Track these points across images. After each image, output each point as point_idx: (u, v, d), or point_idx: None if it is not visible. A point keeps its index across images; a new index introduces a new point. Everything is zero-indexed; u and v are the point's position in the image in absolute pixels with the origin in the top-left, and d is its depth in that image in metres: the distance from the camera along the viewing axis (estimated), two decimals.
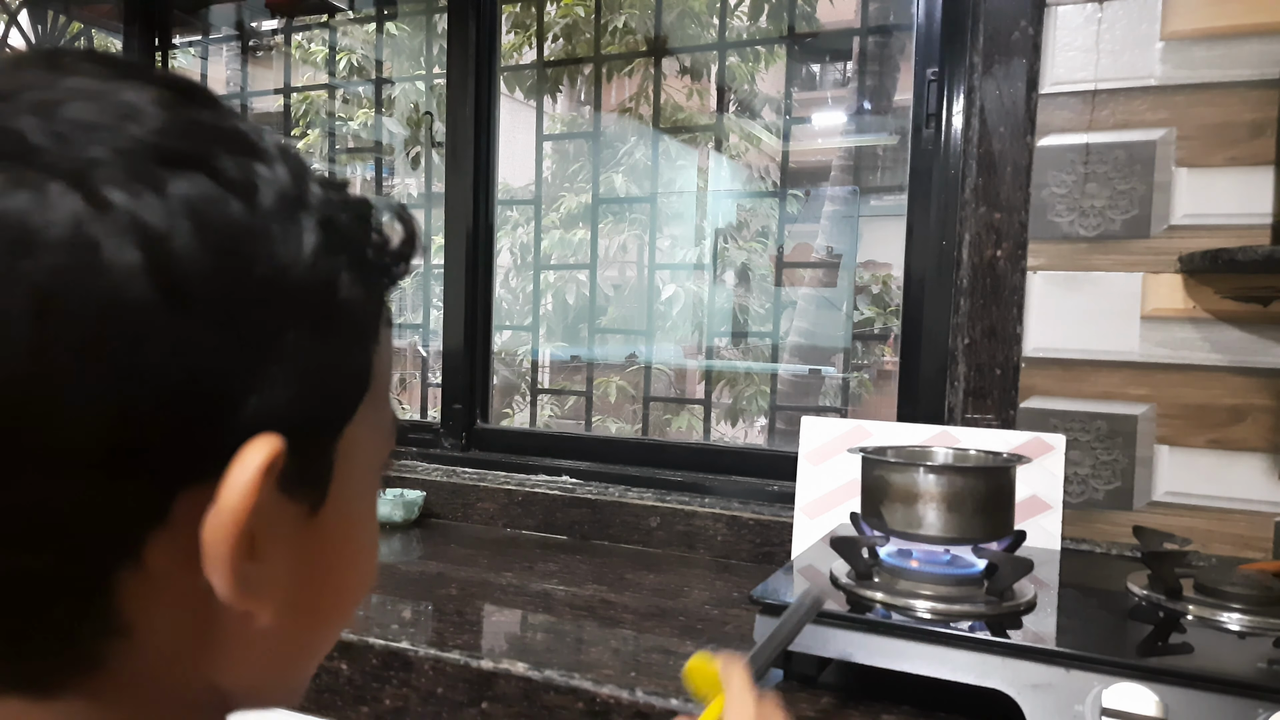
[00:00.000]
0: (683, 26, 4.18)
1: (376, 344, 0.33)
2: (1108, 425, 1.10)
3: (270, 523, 0.28)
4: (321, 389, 0.30)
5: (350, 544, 0.34)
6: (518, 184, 3.22)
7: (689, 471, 1.39)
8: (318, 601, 0.33)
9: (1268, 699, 0.62)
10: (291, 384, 0.28)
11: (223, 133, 0.29)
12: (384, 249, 0.33)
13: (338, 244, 0.30)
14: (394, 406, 0.36)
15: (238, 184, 0.27)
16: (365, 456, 0.34)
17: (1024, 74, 1.12)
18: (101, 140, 0.25)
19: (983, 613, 0.76)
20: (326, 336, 0.30)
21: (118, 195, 0.25)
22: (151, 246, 0.25)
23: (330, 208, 0.31)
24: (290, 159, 0.30)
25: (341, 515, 0.32)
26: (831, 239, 4.54)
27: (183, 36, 1.97)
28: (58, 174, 0.24)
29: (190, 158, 0.27)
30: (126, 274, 0.24)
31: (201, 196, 0.26)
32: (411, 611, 1.01)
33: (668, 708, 0.76)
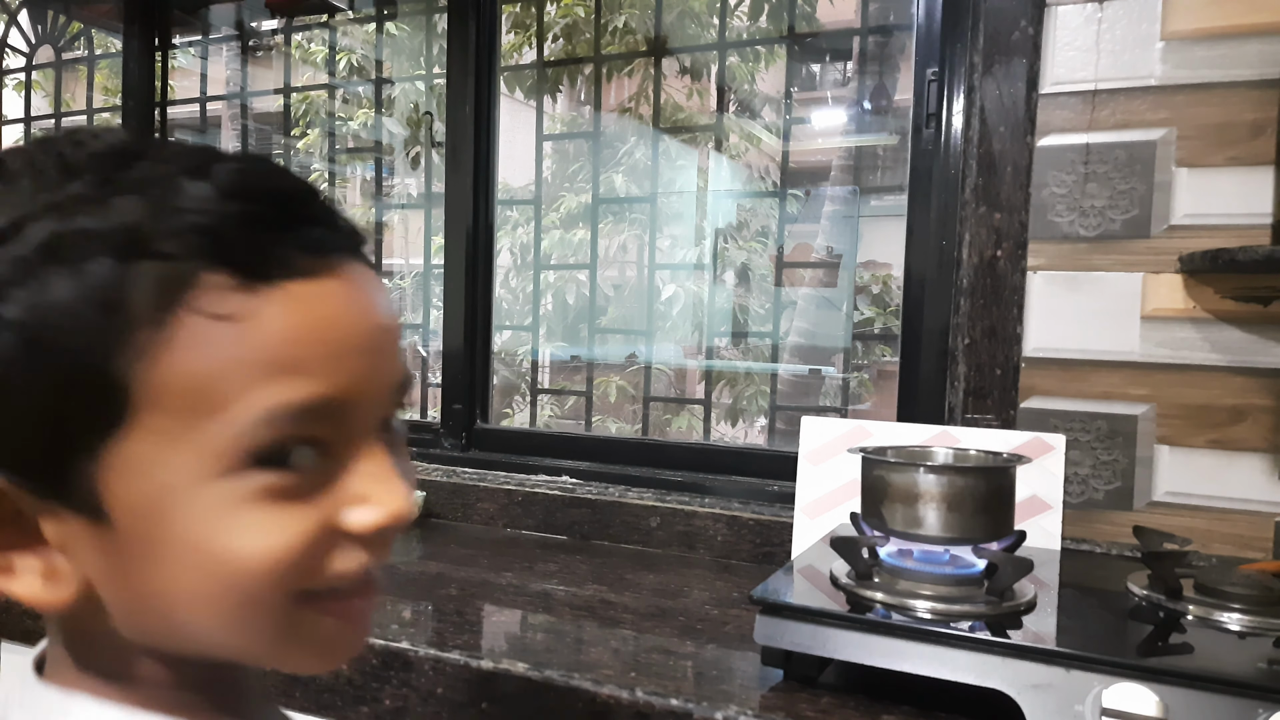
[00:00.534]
0: (683, 26, 4.18)
1: (125, 360, 0.32)
2: (1108, 425, 1.10)
3: (53, 525, 0.35)
4: (13, 433, 0.33)
5: (166, 555, 0.34)
6: (518, 184, 3.21)
7: (689, 471, 1.39)
8: (160, 607, 0.36)
9: (1268, 699, 0.62)
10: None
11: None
12: (155, 233, 0.32)
13: (16, 285, 0.32)
14: (251, 415, 0.33)
15: None
16: (166, 475, 0.34)
17: (1024, 74, 1.12)
18: None
19: (983, 613, 0.76)
20: (7, 387, 0.32)
21: None
22: None
23: (38, 236, 0.32)
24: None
25: (147, 528, 0.34)
26: (831, 239, 4.54)
27: (182, 36, 1.97)
28: None
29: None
30: None
31: None
32: (411, 611, 1.01)
33: (668, 708, 0.76)
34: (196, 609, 0.35)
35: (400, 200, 4.08)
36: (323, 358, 0.35)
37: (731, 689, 0.79)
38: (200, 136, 2.07)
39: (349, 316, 0.36)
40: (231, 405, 0.33)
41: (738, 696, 0.77)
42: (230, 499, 0.34)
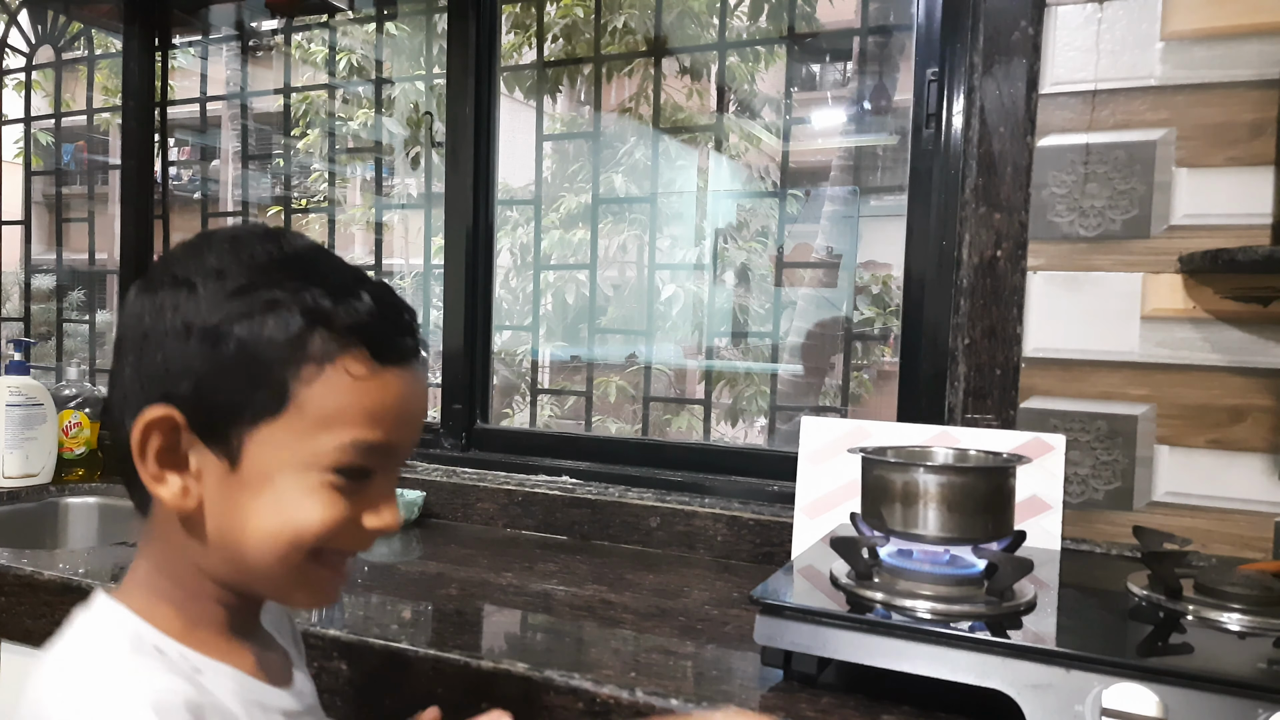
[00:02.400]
0: (683, 26, 4.18)
1: (304, 379, 0.53)
2: (1108, 425, 1.10)
3: (195, 456, 0.55)
4: (211, 397, 0.53)
5: (261, 502, 0.54)
6: (518, 184, 3.21)
7: (689, 471, 1.39)
8: (239, 533, 0.55)
9: (1268, 699, 0.62)
10: (189, 389, 0.54)
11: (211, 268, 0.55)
12: (318, 319, 0.54)
13: (248, 321, 0.53)
14: (350, 440, 0.54)
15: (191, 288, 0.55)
16: (287, 456, 0.54)
17: (1024, 74, 1.12)
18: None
19: (983, 613, 0.76)
20: (219, 369, 0.53)
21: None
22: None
23: (261, 298, 0.53)
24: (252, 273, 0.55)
25: (258, 481, 0.54)
26: (831, 239, 4.54)
27: (183, 36, 1.97)
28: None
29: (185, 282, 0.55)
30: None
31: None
32: (411, 611, 1.01)
33: (668, 708, 0.76)
34: (259, 544, 0.55)
35: (400, 200, 4.07)
36: (392, 419, 0.56)
37: (731, 689, 0.79)
38: (200, 137, 2.07)
39: (410, 399, 0.58)
40: (337, 428, 0.54)
41: (738, 696, 0.77)
42: (311, 484, 0.54)
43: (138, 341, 0.55)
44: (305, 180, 5.44)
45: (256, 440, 0.54)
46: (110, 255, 2.08)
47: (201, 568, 0.57)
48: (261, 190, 2.34)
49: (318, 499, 0.54)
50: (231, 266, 0.55)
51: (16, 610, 1.07)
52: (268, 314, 0.53)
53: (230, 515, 0.55)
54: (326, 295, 0.54)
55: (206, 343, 0.53)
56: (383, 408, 0.55)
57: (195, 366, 0.53)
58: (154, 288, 0.56)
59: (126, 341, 0.56)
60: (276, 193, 2.55)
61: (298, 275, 0.55)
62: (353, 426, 0.54)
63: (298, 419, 0.53)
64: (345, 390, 0.54)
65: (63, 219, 2.10)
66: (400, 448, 0.58)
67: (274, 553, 0.55)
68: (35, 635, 1.06)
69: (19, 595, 1.07)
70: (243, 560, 0.55)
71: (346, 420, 0.54)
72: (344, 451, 0.54)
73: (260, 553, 0.55)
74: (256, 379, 0.53)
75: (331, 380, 0.53)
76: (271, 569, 0.56)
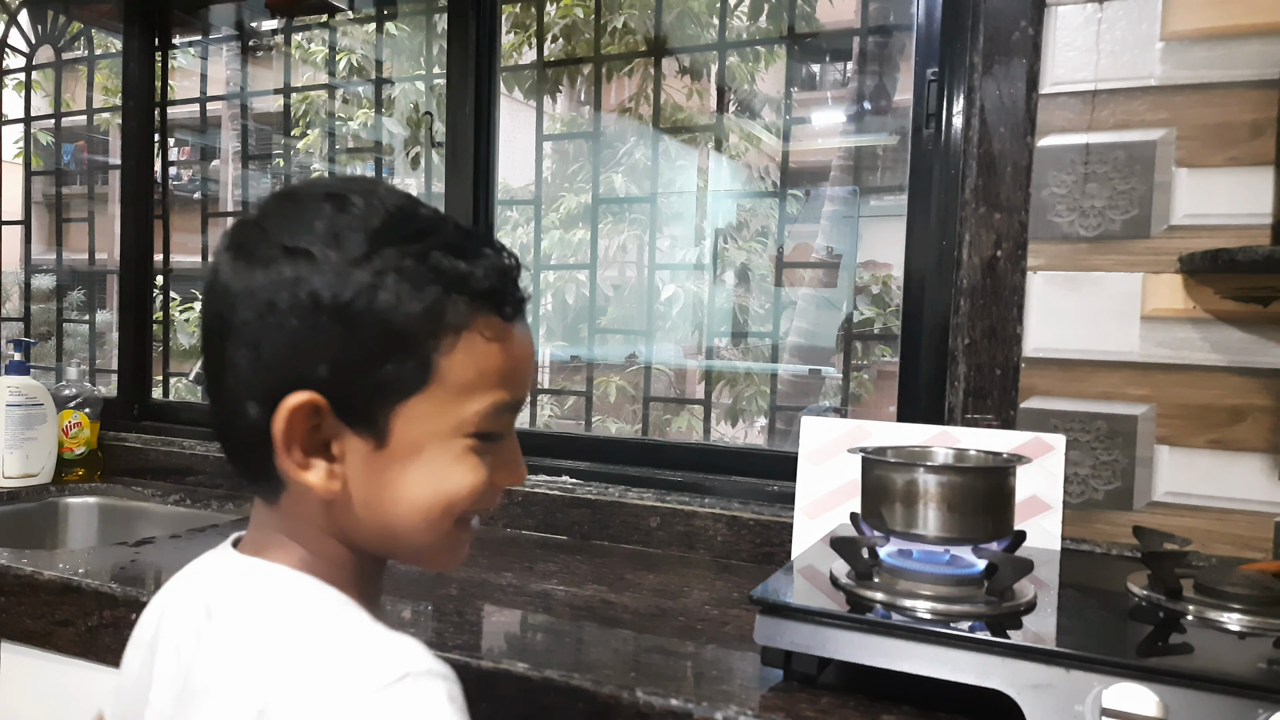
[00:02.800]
0: (682, 26, 4.18)
1: (445, 349, 0.53)
2: (1108, 425, 1.10)
3: (337, 438, 0.53)
4: (353, 378, 0.52)
5: (411, 475, 0.54)
6: (518, 184, 3.21)
7: (689, 471, 1.39)
8: (390, 507, 0.55)
9: (1268, 699, 0.62)
10: (327, 371, 0.51)
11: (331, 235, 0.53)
12: (455, 283, 0.53)
13: (382, 293, 0.51)
14: (491, 403, 0.55)
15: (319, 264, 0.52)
16: (436, 428, 0.54)
17: (1024, 74, 1.12)
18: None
19: (983, 613, 0.76)
20: (359, 348, 0.51)
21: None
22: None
23: (389, 268, 0.51)
24: (385, 238, 0.53)
25: (406, 455, 0.54)
26: (831, 239, 4.54)
27: (183, 36, 1.97)
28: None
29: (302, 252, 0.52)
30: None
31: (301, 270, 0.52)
32: (411, 611, 1.01)
33: (668, 708, 0.76)
34: (412, 514, 0.55)
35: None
36: (520, 376, 0.57)
37: (731, 689, 0.79)
38: (200, 137, 2.07)
39: (529, 352, 0.58)
40: (478, 394, 0.54)
41: (738, 696, 0.77)
42: (457, 451, 0.55)
43: (253, 322, 0.51)
44: None
45: (403, 417, 0.53)
46: (110, 255, 2.08)
47: (350, 539, 0.56)
48: (261, 190, 2.34)
49: (465, 465, 0.55)
50: (345, 231, 0.52)
51: (16, 610, 1.07)
52: (401, 283, 0.51)
53: (380, 490, 0.54)
54: (453, 256, 0.53)
55: (341, 321, 0.51)
56: (512, 366, 0.56)
57: (332, 347, 0.51)
58: (258, 260, 0.52)
59: (233, 321, 0.52)
60: None
61: (414, 235, 0.53)
62: (491, 390, 0.55)
63: (440, 390, 0.53)
64: (482, 355, 0.54)
65: (63, 219, 2.10)
66: (523, 401, 0.59)
67: (427, 521, 0.55)
68: (35, 635, 1.06)
69: (19, 595, 1.07)
70: (392, 531, 0.55)
71: (486, 384, 0.54)
72: (485, 416, 0.54)
73: (412, 523, 0.55)
74: (399, 355, 0.52)
75: (470, 346, 0.53)
76: (423, 537, 0.56)
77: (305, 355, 0.51)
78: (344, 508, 0.55)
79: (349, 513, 0.55)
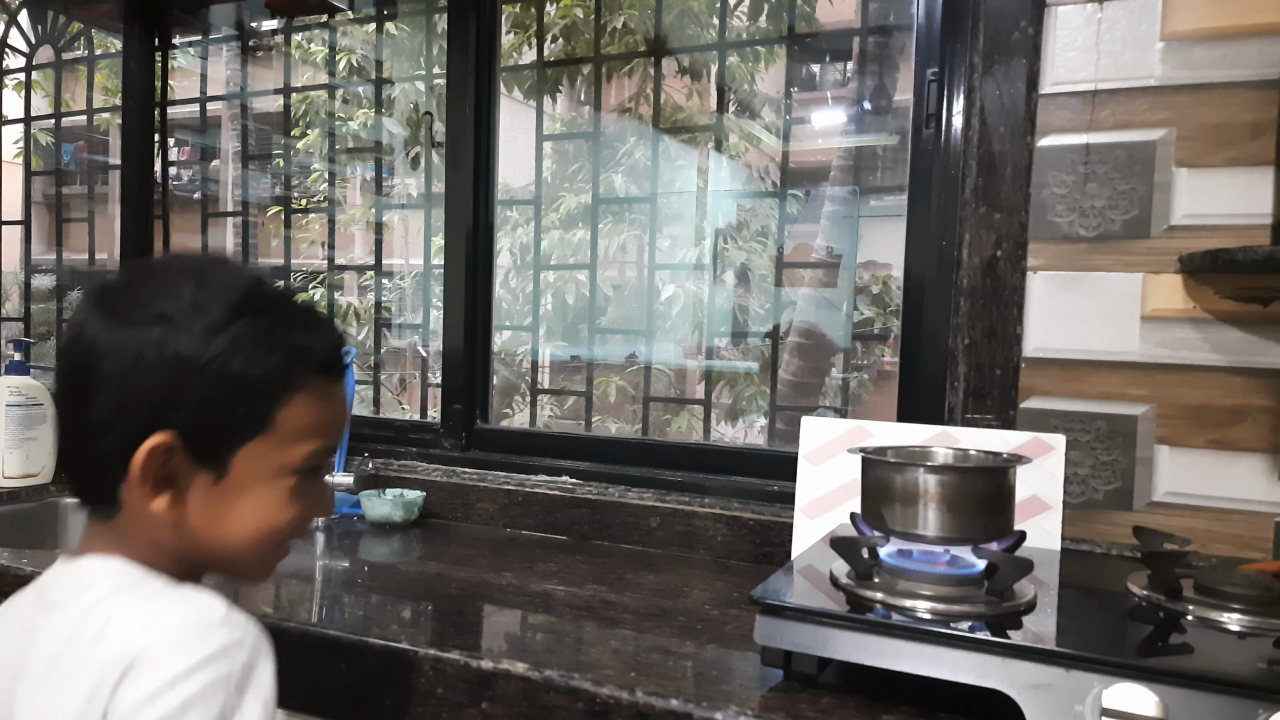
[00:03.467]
0: (682, 26, 4.18)
1: (283, 404, 0.64)
2: (1108, 425, 1.10)
3: (181, 472, 0.63)
4: (207, 422, 0.62)
5: (242, 509, 0.65)
6: (518, 184, 3.21)
7: (689, 471, 1.39)
8: (222, 532, 0.65)
9: (1268, 699, 0.62)
10: (184, 416, 0.61)
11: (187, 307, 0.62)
12: (294, 352, 0.64)
13: (238, 356, 0.62)
14: (312, 449, 0.67)
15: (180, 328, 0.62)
16: (268, 467, 0.65)
17: (1024, 74, 1.12)
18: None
19: (983, 613, 0.76)
20: (214, 398, 0.61)
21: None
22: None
23: (244, 334, 0.62)
24: (235, 308, 0.63)
25: (240, 491, 0.64)
26: (831, 239, 4.53)
27: (182, 36, 1.97)
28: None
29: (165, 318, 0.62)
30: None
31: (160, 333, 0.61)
32: (411, 611, 1.01)
33: (668, 708, 0.76)
34: (239, 539, 0.66)
35: (400, 200, 4.07)
36: (339, 425, 0.70)
37: (731, 689, 0.79)
38: (200, 137, 2.07)
39: (346, 404, 0.71)
40: (305, 440, 0.66)
41: (738, 696, 0.77)
42: (282, 488, 0.66)
43: (120, 372, 0.60)
44: (305, 180, 5.44)
45: (242, 456, 0.63)
46: (110, 255, 2.09)
47: (178, 553, 0.65)
48: (261, 190, 2.34)
49: (288, 501, 0.66)
50: (205, 303, 0.62)
51: None
52: (253, 349, 0.62)
53: (215, 518, 0.65)
54: (296, 329, 0.65)
55: (200, 377, 0.60)
56: (334, 417, 0.68)
57: (191, 398, 0.61)
58: (130, 322, 0.61)
59: (100, 371, 0.61)
60: (276, 193, 2.55)
61: (264, 309, 0.64)
62: (316, 437, 0.66)
63: (275, 436, 0.64)
64: (313, 409, 0.66)
65: (63, 219, 2.10)
66: (338, 445, 0.71)
67: (252, 545, 0.66)
68: None
69: None
70: (222, 551, 0.66)
71: (312, 433, 0.66)
72: (308, 458, 0.66)
73: (240, 547, 0.66)
74: (247, 406, 0.63)
75: (302, 401, 0.65)
76: (246, 558, 0.68)
77: (165, 403, 0.61)
78: (178, 529, 0.64)
79: (182, 533, 0.64)
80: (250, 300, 0.64)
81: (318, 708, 0.90)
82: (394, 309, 4.70)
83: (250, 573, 0.71)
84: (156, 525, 0.63)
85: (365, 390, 1.86)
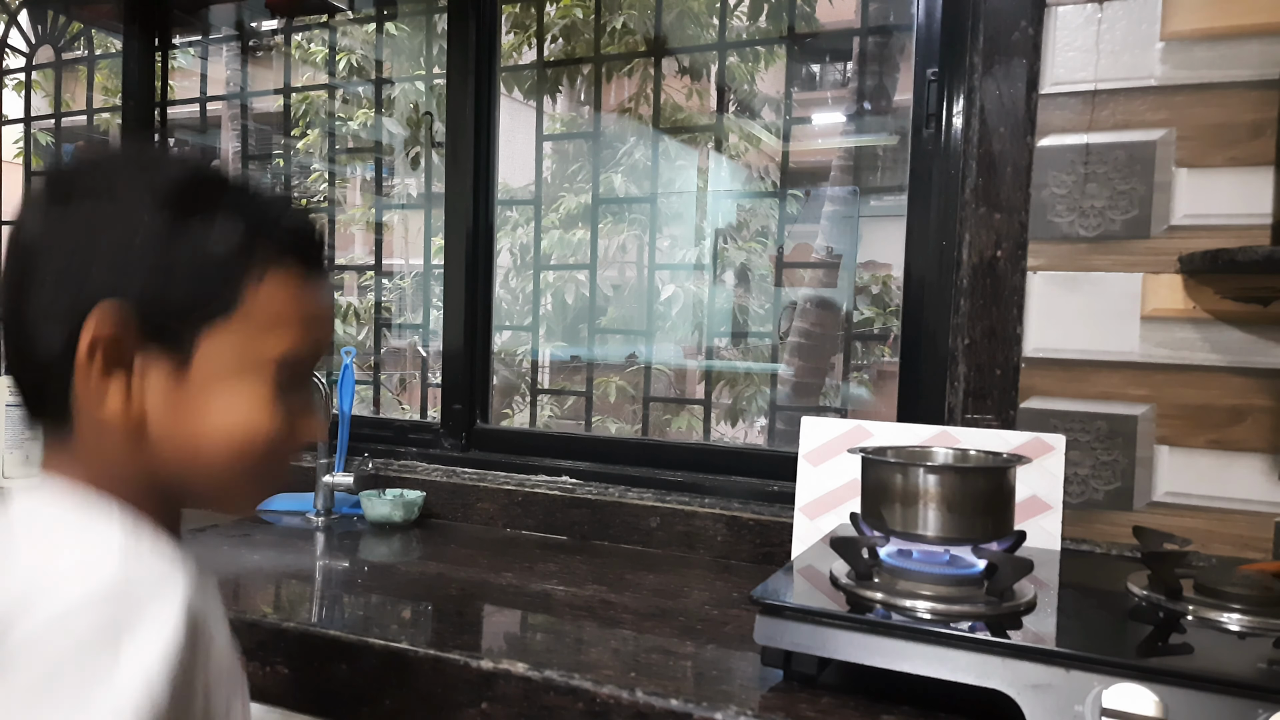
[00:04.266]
0: (682, 27, 4.18)
1: (252, 282, 0.55)
2: (1108, 425, 1.10)
3: (138, 356, 0.54)
4: (164, 295, 0.53)
5: (214, 404, 0.55)
6: (518, 184, 3.21)
7: (689, 472, 1.39)
8: (193, 433, 0.55)
9: (1268, 699, 0.62)
10: (137, 289, 0.53)
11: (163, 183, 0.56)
12: (262, 225, 0.56)
13: (196, 220, 0.54)
14: (291, 342, 0.57)
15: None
16: (237, 355, 0.55)
17: (1024, 74, 1.12)
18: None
19: (983, 613, 0.76)
20: (171, 267, 0.53)
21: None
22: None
23: (207, 198, 0.55)
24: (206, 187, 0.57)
25: (208, 383, 0.55)
26: (831, 239, 4.54)
27: (182, 36, 1.97)
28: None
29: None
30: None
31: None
32: (411, 611, 1.01)
33: (667, 708, 0.76)
34: (215, 444, 0.56)
35: (400, 200, 4.08)
36: (322, 325, 0.61)
37: (731, 689, 0.79)
38: (200, 137, 2.07)
39: (331, 307, 0.63)
40: (281, 333, 0.57)
41: (738, 697, 0.77)
42: (257, 387, 0.56)
43: (61, 253, 0.53)
44: (305, 180, 5.44)
45: (208, 340, 0.55)
46: None
47: (146, 472, 0.56)
48: None
49: (266, 403, 0.57)
50: (156, 176, 0.55)
51: None
52: (218, 219, 0.55)
53: (179, 415, 0.55)
54: (261, 202, 0.57)
55: (152, 244, 0.53)
56: (314, 314, 0.59)
57: (144, 268, 0.53)
58: (76, 196, 0.55)
59: (43, 249, 0.54)
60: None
61: (223, 181, 0.57)
62: (293, 332, 0.57)
63: (245, 322, 0.55)
64: (289, 294, 0.57)
65: None
66: (323, 355, 0.62)
67: (230, 456, 0.56)
68: None
69: None
70: (193, 464, 0.56)
71: (288, 326, 0.57)
72: (289, 354, 0.57)
73: (213, 454, 0.56)
74: (208, 279, 0.54)
75: (275, 285, 0.56)
76: (226, 474, 0.57)
77: (113, 278, 0.53)
78: (140, 435, 0.55)
79: (145, 440, 0.55)
80: (208, 174, 0.57)
81: (318, 708, 0.90)
82: (394, 309, 4.70)
83: (231, 495, 0.60)
84: (111, 429, 0.54)
85: (365, 390, 1.86)
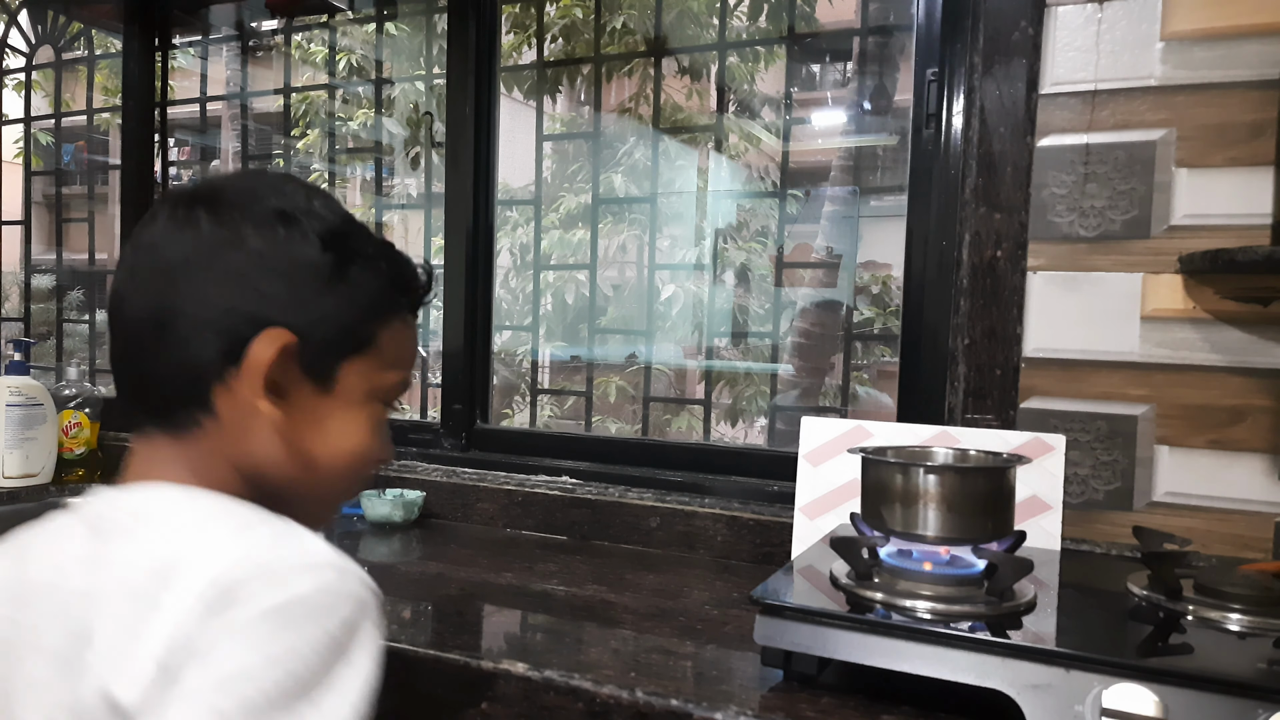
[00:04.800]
0: (682, 26, 4.18)
1: (385, 325, 0.64)
2: (1108, 425, 1.10)
3: (289, 378, 0.59)
4: (323, 328, 0.60)
5: (341, 423, 0.63)
6: (518, 184, 3.21)
7: (689, 472, 1.39)
8: (321, 450, 0.62)
9: (1268, 699, 0.62)
10: (305, 321, 0.59)
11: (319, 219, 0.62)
12: (396, 277, 0.65)
13: (354, 266, 0.62)
14: (400, 378, 0.67)
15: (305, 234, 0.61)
16: (366, 386, 0.63)
17: (1024, 74, 1.12)
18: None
19: (983, 613, 0.76)
20: (331, 304, 0.60)
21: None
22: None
23: (358, 247, 0.63)
24: (339, 223, 0.63)
25: (340, 404, 0.63)
26: (831, 239, 4.53)
27: (182, 36, 1.97)
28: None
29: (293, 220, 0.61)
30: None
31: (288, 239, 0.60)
32: (411, 611, 1.01)
33: (667, 708, 0.76)
34: (335, 461, 0.63)
35: (400, 200, 4.07)
36: (414, 361, 0.69)
37: (731, 689, 0.79)
38: (200, 137, 2.07)
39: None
40: (394, 369, 0.65)
41: (738, 697, 0.77)
42: (371, 413, 0.65)
43: (234, 267, 0.58)
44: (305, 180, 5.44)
45: (346, 371, 0.62)
46: (110, 255, 2.08)
47: (258, 475, 0.61)
48: None
49: (374, 428, 0.65)
50: (321, 208, 0.62)
51: None
52: (367, 263, 0.62)
53: (314, 433, 0.62)
54: (393, 254, 0.65)
55: (320, 280, 0.59)
56: (413, 352, 0.68)
57: (309, 300, 0.59)
58: (243, 216, 0.59)
59: (196, 264, 0.57)
60: None
61: (364, 228, 0.65)
62: (404, 366, 0.67)
63: (375, 358, 0.63)
64: (404, 336, 0.66)
65: (63, 219, 2.10)
66: (408, 387, 0.70)
67: (343, 471, 0.64)
68: None
69: None
70: (310, 476, 0.62)
71: (399, 363, 0.66)
72: (396, 388, 0.66)
73: (329, 469, 0.63)
74: (358, 319, 0.62)
75: (396, 329, 0.65)
76: (331, 485, 0.65)
77: (282, 304, 0.58)
78: (269, 447, 0.60)
79: (271, 452, 0.60)
80: (356, 222, 0.64)
81: None
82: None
83: (327, 507, 0.67)
84: (255, 436, 0.59)
85: None
